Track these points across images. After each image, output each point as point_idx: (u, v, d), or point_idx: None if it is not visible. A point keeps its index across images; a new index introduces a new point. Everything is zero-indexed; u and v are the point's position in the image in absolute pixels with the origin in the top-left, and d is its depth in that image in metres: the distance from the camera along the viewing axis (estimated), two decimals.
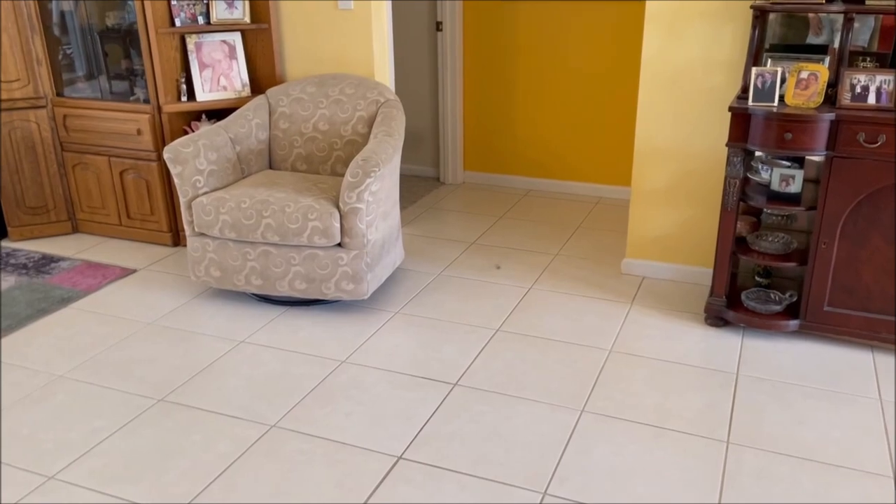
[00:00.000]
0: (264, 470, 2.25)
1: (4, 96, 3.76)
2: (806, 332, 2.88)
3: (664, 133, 3.27)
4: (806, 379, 2.68)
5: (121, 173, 3.86)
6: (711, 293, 3.01)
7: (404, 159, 5.09)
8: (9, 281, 3.52)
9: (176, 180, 3.15)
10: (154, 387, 2.68)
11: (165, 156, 3.13)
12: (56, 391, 2.67)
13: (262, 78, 3.81)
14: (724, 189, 2.82)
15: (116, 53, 3.92)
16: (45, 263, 3.72)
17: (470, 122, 4.88)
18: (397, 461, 2.28)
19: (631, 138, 4.46)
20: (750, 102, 2.71)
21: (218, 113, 3.81)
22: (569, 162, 4.73)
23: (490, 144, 4.89)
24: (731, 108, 2.73)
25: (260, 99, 3.56)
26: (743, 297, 3.00)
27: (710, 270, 3.34)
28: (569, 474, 2.21)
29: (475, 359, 2.84)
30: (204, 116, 3.82)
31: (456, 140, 4.89)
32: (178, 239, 3.93)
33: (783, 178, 2.80)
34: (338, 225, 2.98)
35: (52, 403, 2.60)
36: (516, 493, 2.14)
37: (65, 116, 3.86)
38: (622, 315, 3.16)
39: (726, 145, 2.77)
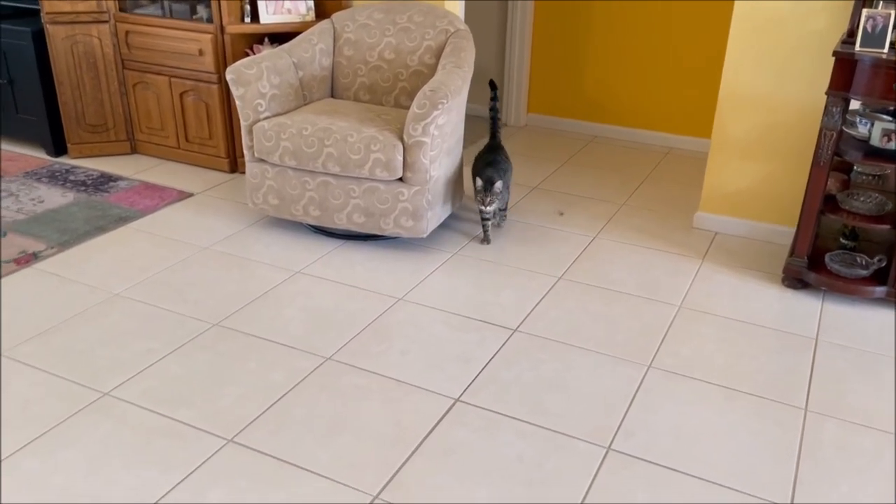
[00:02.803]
0: (319, 401, 2.20)
1: (68, 9, 3.69)
2: (893, 299, 2.70)
3: (753, 80, 3.05)
4: (892, 349, 2.51)
5: (181, 94, 3.78)
6: (792, 253, 2.83)
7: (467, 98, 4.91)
8: (67, 197, 3.51)
9: (238, 102, 3.06)
10: (209, 311, 2.64)
11: (228, 76, 3.03)
12: (112, 309, 2.65)
13: (326, 2, 3.66)
14: (819, 142, 2.62)
15: None
16: (103, 182, 3.70)
17: (537, 62, 4.67)
18: (455, 403, 2.20)
19: (708, 86, 4.21)
20: (857, 47, 2.48)
21: (280, 37, 3.68)
22: (639, 109, 4.51)
23: (556, 87, 4.68)
24: (835, 53, 2.50)
25: (325, 23, 3.42)
26: (827, 259, 2.81)
27: (788, 229, 3.15)
28: (634, 430, 2.11)
29: (536, 306, 2.73)
30: (266, 40, 3.70)
31: (522, 80, 4.69)
32: (235, 165, 3.86)
33: (885, 132, 2.58)
34: (401, 158, 2.87)
35: (109, 321, 2.58)
36: (579, 445, 2.05)
37: (127, 33, 3.78)
38: (693, 271, 3.00)
39: (826, 93, 2.56)
